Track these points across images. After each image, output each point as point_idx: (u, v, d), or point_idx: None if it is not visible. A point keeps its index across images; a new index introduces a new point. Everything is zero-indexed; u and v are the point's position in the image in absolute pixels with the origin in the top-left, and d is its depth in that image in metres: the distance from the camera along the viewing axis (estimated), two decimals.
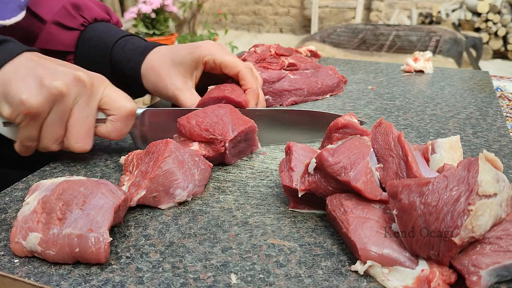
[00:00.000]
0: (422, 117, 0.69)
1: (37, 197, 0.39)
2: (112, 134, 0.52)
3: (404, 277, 0.34)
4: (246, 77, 0.61)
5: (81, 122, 0.49)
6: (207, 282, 0.35)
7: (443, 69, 1.00)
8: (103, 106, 0.51)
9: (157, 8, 2.90)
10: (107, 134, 0.52)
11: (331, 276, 0.35)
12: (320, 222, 0.42)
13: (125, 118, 0.52)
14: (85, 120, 0.50)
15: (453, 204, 0.32)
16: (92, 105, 0.50)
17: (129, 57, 0.64)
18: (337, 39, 2.88)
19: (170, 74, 0.62)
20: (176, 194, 0.44)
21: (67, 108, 0.48)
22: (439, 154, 0.44)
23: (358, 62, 1.06)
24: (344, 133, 0.46)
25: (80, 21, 0.66)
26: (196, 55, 0.62)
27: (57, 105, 0.47)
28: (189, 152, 0.47)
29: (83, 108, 0.49)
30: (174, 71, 0.62)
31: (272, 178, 0.50)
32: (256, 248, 0.39)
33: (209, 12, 5.37)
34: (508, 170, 0.52)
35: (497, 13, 4.01)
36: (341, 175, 0.39)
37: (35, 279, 0.35)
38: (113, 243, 0.39)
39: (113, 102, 0.51)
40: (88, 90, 0.49)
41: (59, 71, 0.48)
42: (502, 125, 0.66)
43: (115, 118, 0.51)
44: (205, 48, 0.62)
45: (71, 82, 0.48)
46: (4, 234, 0.40)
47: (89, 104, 0.49)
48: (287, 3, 5.37)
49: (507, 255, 0.32)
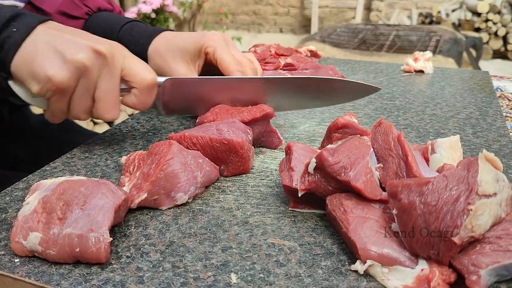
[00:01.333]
0: (422, 117, 0.69)
1: (38, 197, 0.39)
2: (138, 106, 0.54)
3: (404, 277, 0.34)
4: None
5: (107, 94, 0.51)
6: (207, 282, 0.35)
7: (443, 69, 1.00)
8: (125, 77, 0.52)
9: (157, 8, 2.90)
10: (133, 105, 0.54)
11: (331, 276, 0.35)
12: (320, 222, 0.42)
13: (147, 90, 0.53)
14: (110, 91, 0.51)
15: (453, 203, 0.32)
16: (115, 76, 0.51)
17: (136, 40, 0.66)
18: (337, 39, 2.88)
19: (175, 58, 0.63)
20: (178, 197, 0.44)
21: (92, 81, 0.50)
22: (439, 154, 0.44)
23: (358, 62, 1.06)
24: (344, 133, 0.46)
25: (84, 10, 0.68)
26: (200, 44, 0.63)
27: (83, 79, 0.49)
28: (192, 154, 0.47)
29: (107, 80, 0.50)
30: (179, 56, 0.63)
31: (272, 178, 0.50)
32: (256, 248, 0.39)
33: (209, 12, 5.37)
34: (508, 170, 0.52)
35: (497, 13, 4.01)
36: (341, 175, 0.39)
37: (35, 278, 0.35)
38: (114, 243, 0.39)
39: (134, 74, 0.52)
40: (110, 62, 0.50)
41: (78, 44, 0.48)
42: (502, 125, 0.66)
43: (138, 91, 0.53)
44: (210, 39, 0.63)
45: (93, 55, 0.48)
46: (5, 234, 0.40)
47: (112, 75, 0.51)
48: (287, 3, 5.37)
49: (506, 255, 0.32)
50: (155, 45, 0.65)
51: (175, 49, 0.63)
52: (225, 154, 0.50)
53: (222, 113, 0.57)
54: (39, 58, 0.47)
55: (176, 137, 0.50)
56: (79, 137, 0.82)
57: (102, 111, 0.51)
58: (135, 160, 0.48)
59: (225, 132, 0.50)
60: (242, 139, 0.49)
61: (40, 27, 0.49)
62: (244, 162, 0.50)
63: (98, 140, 0.60)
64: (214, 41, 0.63)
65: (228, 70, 0.62)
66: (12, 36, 0.47)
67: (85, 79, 0.49)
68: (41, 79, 0.47)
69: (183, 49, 0.63)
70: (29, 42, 0.48)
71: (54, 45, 0.47)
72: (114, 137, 0.61)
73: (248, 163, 0.50)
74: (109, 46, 0.50)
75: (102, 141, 0.60)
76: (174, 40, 0.64)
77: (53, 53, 0.47)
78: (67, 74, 0.47)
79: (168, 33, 0.66)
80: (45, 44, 0.47)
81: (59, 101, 0.50)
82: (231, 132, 0.50)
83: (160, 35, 0.65)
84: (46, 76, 0.46)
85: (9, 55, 0.47)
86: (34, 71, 0.47)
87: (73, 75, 0.48)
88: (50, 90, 0.48)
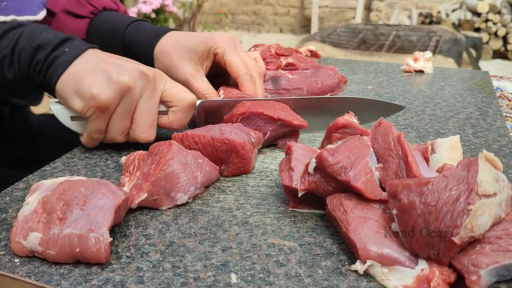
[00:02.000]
0: (422, 117, 0.69)
1: (38, 197, 0.39)
2: (174, 124, 0.55)
3: (404, 277, 0.34)
4: (244, 84, 0.63)
5: (146, 114, 0.52)
6: (207, 282, 0.35)
7: (443, 69, 1.00)
8: (164, 98, 0.54)
9: (157, 8, 2.90)
10: (169, 124, 0.55)
11: (331, 276, 0.35)
12: (320, 222, 0.42)
13: (187, 109, 0.54)
14: (149, 112, 0.52)
15: (453, 203, 0.32)
16: (156, 98, 0.53)
17: (143, 39, 0.66)
18: (337, 39, 2.88)
19: (182, 59, 0.63)
20: (178, 198, 0.44)
21: (133, 101, 0.51)
22: (438, 154, 0.44)
23: (358, 62, 1.06)
24: (344, 133, 0.46)
25: (90, 9, 0.68)
26: (209, 45, 0.63)
27: (125, 99, 0.50)
28: (192, 154, 0.47)
29: (147, 101, 0.52)
30: (186, 57, 0.63)
31: (272, 178, 0.50)
32: (256, 248, 0.39)
33: (209, 12, 5.37)
34: (508, 170, 0.52)
35: (497, 13, 4.01)
36: (341, 175, 0.39)
37: (35, 278, 0.35)
38: (114, 243, 0.39)
39: (175, 94, 0.54)
40: (152, 84, 0.52)
41: (124, 66, 0.51)
42: (501, 125, 0.66)
43: (177, 109, 0.54)
44: (218, 40, 0.64)
45: (137, 76, 0.50)
46: (5, 234, 0.40)
47: (153, 97, 0.52)
48: (287, 3, 5.37)
49: (506, 255, 0.32)
50: (162, 45, 0.65)
51: (183, 50, 0.64)
52: (226, 154, 0.50)
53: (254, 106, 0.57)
54: (86, 76, 0.49)
55: (179, 136, 0.51)
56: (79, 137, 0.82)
57: (139, 130, 0.53)
58: (135, 160, 0.48)
59: (227, 132, 0.50)
60: (244, 139, 0.49)
61: (90, 51, 0.52)
62: (245, 163, 0.50)
63: None
64: (223, 43, 0.63)
65: (237, 73, 0.63)
66: (63, 55, 0.50)
67: (127, 98, 0.50)
68: (85, 96, 0.49)
69: (191, 49, 0.63)
70: (78, 62, 0.50)
71: (101, 66, 0.50)
72: None
73: (249, 164, 0.51)
74: (153, 70, 0.53)
75: None
76: (182, 40, 0.64)
77: (100, 73, 0.49)
78: (111, 93, 0.49)
79: (175, 33, 0.66)
80: (93, 64, 0.50)
81: (99, 119, 0.51)
82: (233, 133, 0.50)
83: (167, 35, 0.66)
84: (91, 93, 0.48)
85: (58, 71, 0.50)
86: (80, 89, 0.49)
87: (116, 94, 0.49)
88: (93, 107, 0.49)
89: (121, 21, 0.69)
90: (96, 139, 0.54)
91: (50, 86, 0.51)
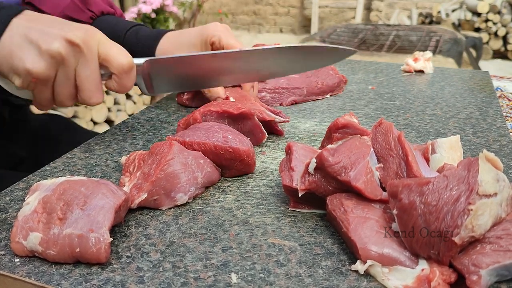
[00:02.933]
0: (422, 117, 0.69)
1: (38, 197, 0.39)
2: (120, 89, 0.55)
3: (404, 277, 0.34)
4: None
5: (88, 79, 0.52)
6: (208, 282, 0.35)
7: (443, 69, 1.00)
8: (103, 62, 0.53)
9: (157, 8, 2.90)
10: (115, 89, 0.55)
11: (331, 276, 0.35)
12: (320, 222, 0.42)
13: (126, 73, 0.54)
14: (90, 77, 0.52)
15: (453, 203, 0.32)
16: (93, 63, 0.52)
17: (143, 43, 0.69)
18: (337, 39, 2.88)
19: None
20: (178, 198, 0.44)
21: (70, 69, 0.50)
22: (439, 154, 0.44)
23: (358, 62, 1.06)
24: (344, 133, 0.46)
25: (88, 15, 0.70)
26: (205, 36, 0.66)
27: (61, 68, 0.50)
28: (193, 155, 0.47)
29: (85, 67, 0.51)
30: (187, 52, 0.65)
31: (272, 178, 0.50)
32: (257, 248, 0.39)
33: (209, 12, 5.37)
34: (508, 170, 0.52)
35: (497, 13, 4.01)
36: (341, 175, 0.39)
37: (35, 278, 0.35)
38: (114, 243, 0.39)
39: (110, 60, 0.53)
40: (84, 50, 0.50)
41: (51, 34, 0.49)
42: (502, 125, 0.66)
43: (116, 77, 0.54)
44: (213, 30, 0.66)
45: (66, 44, 0.49)
46: (5, 234, 0.40)
47: (89, 62, 0.51)
48: (287, 3, 5.37)
49: (507, 255, 0.32)
50: (162, 46, 0.67)
51: (182, 47, 0.66)
52: (229, 162, 0.49)
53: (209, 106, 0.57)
54: (16, 51, 0.48)
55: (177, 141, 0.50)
56: (79, 137, 0.82)
57: (86, 97, 0.52)
58: (135, 160, 0.48)
59: (231, 140, 0.49)
60: (248, 147, 0.49)
61: (16, 20, 0.49)
62: (249, 168, 0.50)
63: (98, 140, 0.60)
64: (217, 31, 0.65)
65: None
66: None
67: (63, 68, 0.50)
68: (20, 72, 0.48)
69: (189, 45, 0.66)
70: (6, 37, 0.48)
71: (29, 36, 0.48)
72: (114, 137, 0.61)
73: (252, 168, 0.51)
74: (82, 33, 0.50)
75: (102, 141, 0.60)
76: (179, 39, 0.67)
77: (29, 45, 0.48)
78: (44, 64, 0.48)
79: (171, 33, 0.69)
80: (21, 36, 0.48)
81: (42, 91, 0.51)
82: (237, 140, 0.49)
83: (165, 36, 0.68)
84: (25, 69, 0.48)
85: None
86: (14, 65, 0.48)
87: (50, 65, 0.49)
88: (31, 82, 0.49)
89: (120, 27, 0.71)
90: (46, 105, 0.54)
91: None
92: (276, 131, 0.61)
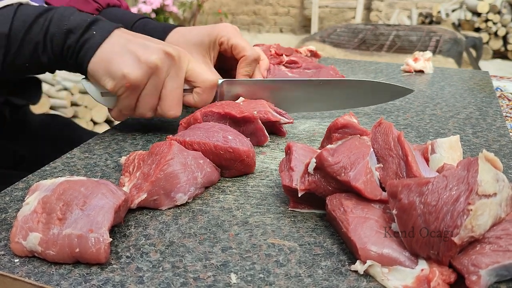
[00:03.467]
0: (422, 117, 0.69)
1: (37, 197, 0.39)
2: (199, 103, 0.59)
3: (404, 277, 0.34)
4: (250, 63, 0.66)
5: (173, 92, 0.56)
6: (207, 282, 0.35)
7: (443, 69, 1.00)
8: (189, 78, 0.58)
9: (157, 8, 2.90)
10: (194, 103, 0.59)
11: (331, 276, 0.35)
12: (320, 222, 0.42)
13: (209, 89, 0.59)
14: (176, 90, 0.56)
15: (453, 203, 0.32)
16: (181, 76, 0.56)
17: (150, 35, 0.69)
18: (337, 39, 2.88)
19: (191, 53, 0.66)
20: (177, 198, 0.44)
21: (161, 80, 0.55)
22: (439, 154, 0.44)
23: (358, 62, 1.06)
24: (343, 133, 0.46)
25: (94, 6, 0.71)
26: (214, 36, 0.66)
27: (153, 78, 0.54)
28: (193, 155, 0.47)
29: (174, 79, 0.56)
30: (194, 51, 0.66)
31: (272, 178, 0.50)
32: (256, 248, 0.39)
33: (209, 12, 5.37)
34: (508, 170, 0.52)
35: (497, 13, 4.01)
36: (341, 175, 0.39)
37: (35, 278, 0.35)
38: (113, 243, 0.39)
39: (198, 75, 0.58)
40: (177, 63, 0.55)
41: (151, 47, 0.54)
42: (502, 125, 0.66)
43: (200, 90, 0.58)
44: (222, 30, 0.67)
45: (163, 57, 0.54)
46: (4, 234, 0.40)
47: (178, 75, 0.56)
48: (287, 3, 5.37)
49: (506, 255, 0.32)
50: (170, 40, 0.68)
51: (190, 43, 0.67)
52: (229, 162, 0.49)
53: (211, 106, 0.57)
54: (116, 58, 0.52)
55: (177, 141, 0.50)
56: (79, 137, 0.82)
57: (166, 108, 0.56)
58: (134, 160, 0.48)
59: (231, 140, 0.49)
60: (248, 147, 0.49)
61: (117, 31, 0.54)
62: (249, 168, 0.50)
63: (98, 140, 0.60)
64: (226, 31, 0.66)
65: (244, 51, 0.65)
66: (92, 38, 0.53)
67: (155, 78, 0.54)
68: (116, 76, 0.52)
69: (198, 42, 0.66)
70: (107, 44, 0.53)
71: (128, 47, 0.53)
72: (114, 137, 0.61)
73: (252, 169, 0.51)
74: (177, 49, 0.56)
75: (102, 141, 0.60)
76: (188, 35, 0.68)
77: (129, 54, 0.52)
78: (140, 72, 0.52)
79: (181, 29, 0.69)
80: (121, 46, 0.53)
81: (129, 97, 0.54)
82: (237, 141, 0.49)
83: (173, 31, 0.69)
84: (122, 73, 0.52)
85: (88, 54, 0.53)
86: (111, 69, 0.52)
87: (145, 74, 0.53)
88: (123, 86, 0.53)
89: (127, 19, 0.71)
90: (126, 114, 0.58)
91: (82, 68, 0.54)
92: (279, 132, 0.61)
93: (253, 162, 0.50)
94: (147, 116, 0.57)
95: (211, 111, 0.56)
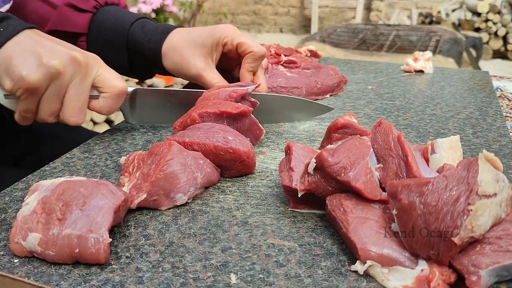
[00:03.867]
0: (422, 117, 0.69)
1: (37, 197, 0.39)
2: (104, 110, 0.56)
3: (404, 277, 0.34)
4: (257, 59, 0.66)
5: (75, 98, 0.53)
6: (207, 282, 0.35)
7: (443, 69, 1.00)
8: (96, 84, 0.55)
9: (157, 8, 2.90)
10: (99, 109, 0.56)
11: (331, 276, 0.35)
12: (320, 222, 0.42)
13: (117, 96, 0.56)
14: (79, 97, 0.53)
15: (453, 204, 0.32)
16: (86, 83, 0.54)
17: (149, 37, 0.67)
18: (337, 39, 2.88)
19: (193, 54, 0.65)
20: (177, 198, 0.44)
21: (63, 85, 0.52)
22: (439, 154, 0.44)
23: (358, 62, 1.06)
24: (343, 133, 0.46)
25: (92, 4, 0.69)
26: (217, 37, 0.65)
27: (54, 82, 0.51)
28: (192, 155, 0.47)
29: (78, 86, 0.53)
30: (197, 52, 0.65)
31: (272, 178, 0.50)
32: (256, 248, 0.39)
33: (209, 12, 5.37)
34: (508, 170, 0.52)
35: (497, 13, 4.01)
36: (341, 175, 0.39)
37: (34, 279, 0.35)
38: (113, 243, 0.39)
39: (106, 80, 0.55)
40: (83, 69, 0.53)
41: (57, 50, 0.51)
42: (502, 125, 0.66)
43: (107, 95, 0.56)
44: (224, 31, 0.66)
45: (68, 62, 0.51)
46: (4, 234, 0.40)
47: (83, 82, 0.53)
48: (287, 3, 5.37)
49: (506, 255, 0.32)
50: (170, 43, 0.66)
51: (192, 45, 0.65)
52: (229, 163, 0.49)
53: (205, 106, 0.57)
54: (17, 58, 0.49)
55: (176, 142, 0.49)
56: (79, 137, 0.82)
57: (68, 113, 0.54)
58: (134, 160, 0.48)
59: (231, 141, 0.49)
60: (248, 148, 0.49)
61: (27, 32, 0.51)
62: (249, 169, 0.50)
63: (98, 140, 0.60)
64: (230, 32, 0.66)
65: (251, 48, 0.65)
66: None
67: (56, 82, 0.51)
68: (14, 77, 0.49)
69: (200, 44, 0.65)
70: (12, 43, 0.50)
71: (34, 48, 0.50)
72: (114, 137, 0.61)
73: (252, 169, 0.51)
74: (86, 55, 0.53)
75: (102, 141, 0.60)
76: (189, 37, 0.66)
77: (32, 55, 0.50)
78: (39, 75, 0.49)
79: (181, 30, 0.68)
80: (26, 46, 0.50)
81: (28, 100, 0.51)
82: (238, 141, 0.49)
83: (173, 32, 0.67)
84: (20, 74, 0.49)
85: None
86: (10, 69, 0.49)
87: (45, 77, 0.50)
88: (21, 88, 0.50)
89: (125, 18, 0.69)
90: (27, 118, 0.55)
91: None
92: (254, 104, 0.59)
93: (253, 163, 0.50)
94: (49, 121, 0.54)
95: (207, 112, 0.55)
